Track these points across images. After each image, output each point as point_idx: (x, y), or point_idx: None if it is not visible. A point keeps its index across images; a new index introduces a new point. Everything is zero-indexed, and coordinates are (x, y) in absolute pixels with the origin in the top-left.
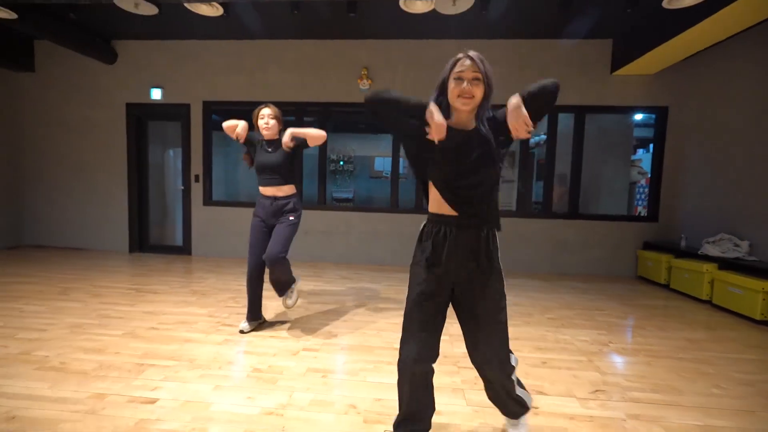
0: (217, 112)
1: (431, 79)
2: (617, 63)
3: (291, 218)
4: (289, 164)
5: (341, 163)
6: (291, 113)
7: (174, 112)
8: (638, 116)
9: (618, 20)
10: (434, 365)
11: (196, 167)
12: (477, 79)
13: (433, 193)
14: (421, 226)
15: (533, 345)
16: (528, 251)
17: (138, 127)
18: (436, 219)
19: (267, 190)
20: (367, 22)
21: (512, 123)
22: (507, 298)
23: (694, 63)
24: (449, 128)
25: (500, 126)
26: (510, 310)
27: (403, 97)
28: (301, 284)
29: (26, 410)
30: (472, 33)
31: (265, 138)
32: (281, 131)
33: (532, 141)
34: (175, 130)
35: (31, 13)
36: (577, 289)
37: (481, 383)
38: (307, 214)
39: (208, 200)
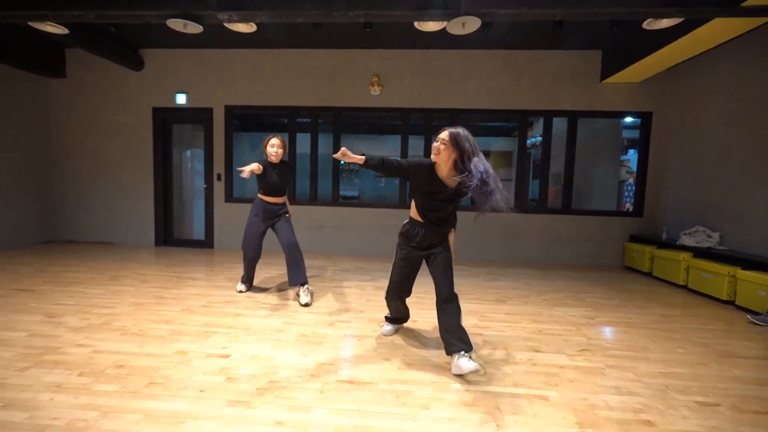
0: (237, 116)
1: (436, 85)
2: (606, 72)
3: (287, 216)
4: (286, 183)
5: (342, 162)
6: (306, 116)
7: (198, 116)
8: (628, 119)
9: (606, 35)
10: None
11: (218, 167)
12: (444, 142)
13: (413, 208)
14: (404, 223)
15: (530, 318)
16: (525, 244)
17: (163, 130)
18: (413, 222)
19: (270, 199)
20: (379, 34)
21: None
22: (506, 282)
23: (676, 73)
24: (433, 176)
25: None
26: (509, 293)
27: (388, 164)
28: (322, 272)
29: (129, 361)
30: (474, 45)
31: (271, 161)
32: (283, 156)
33: (528, 142)
34: (192, 132)
35: (76, 27)
36: (568, 277)
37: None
38: (320, 211)
39: (229, 197)
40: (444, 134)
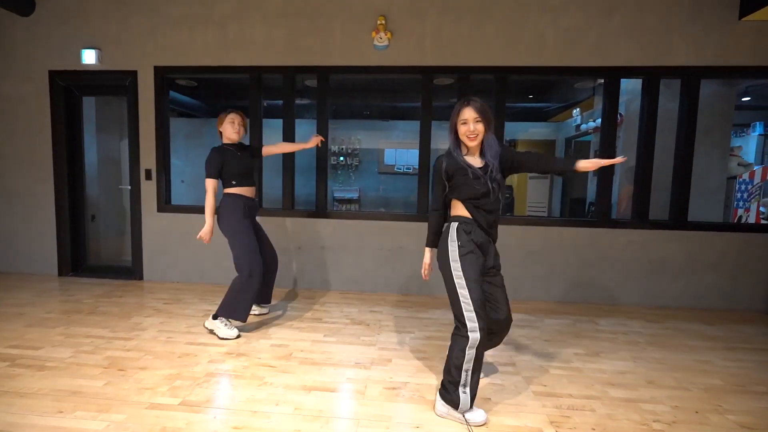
0: (185, 86)
1: (474, 29)
2: (749, 4)
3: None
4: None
5: (341, 159)
6: (277, 87)
7: (115, 83)
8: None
9: None
10: None
11: (147, 160)
12: (478, 120)
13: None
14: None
15: None
16: (611, 274)
17: (68, 104)
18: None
19: (248, 191)
20: None
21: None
22: (618, 361)
23: None
24: (467, 165)
25: (504, 161)
26: (653, 407)
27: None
28: (293, 335)
29: None
30: None
31: (233, 141)
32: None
33: (583, 127)
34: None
35: None
36: (709, 339)
37: None
38: (302, 223)
39: (164, 204)
40: (473, 111)
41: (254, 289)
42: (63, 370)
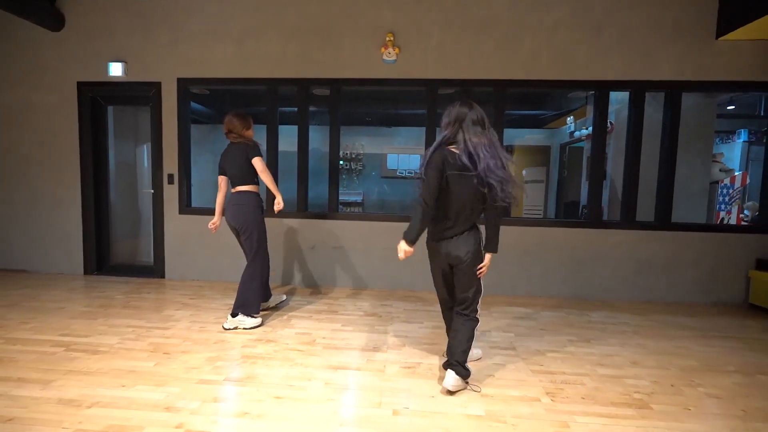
0: (197, 94)
1: (476, 45)
2: (725, 25)
3: None
4: None
5: (341, 162)
6: (292, 97)
7: (140, 94)
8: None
9: None
10: None
11: (170, 165)
12: None
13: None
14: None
15: None
16: (602, 271)
17: (94, 114)
18: None
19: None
20: None
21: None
22: (612, 346)
23: None
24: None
25: None
26: (633, 372)
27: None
28: (303, 323)
29: None
30: None
31: None
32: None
33: (577, 134)
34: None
35: None
36: (689, 329)
37: None
38: (314, 225)
39: (185, 207)
40: None
41: (263, 279)
42: (114, 353)
